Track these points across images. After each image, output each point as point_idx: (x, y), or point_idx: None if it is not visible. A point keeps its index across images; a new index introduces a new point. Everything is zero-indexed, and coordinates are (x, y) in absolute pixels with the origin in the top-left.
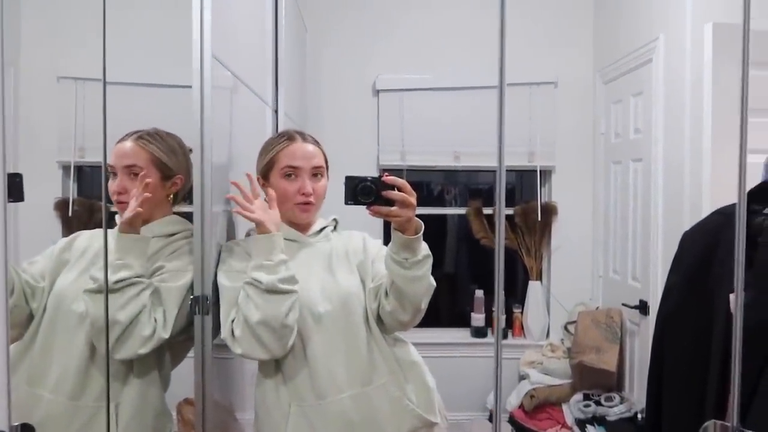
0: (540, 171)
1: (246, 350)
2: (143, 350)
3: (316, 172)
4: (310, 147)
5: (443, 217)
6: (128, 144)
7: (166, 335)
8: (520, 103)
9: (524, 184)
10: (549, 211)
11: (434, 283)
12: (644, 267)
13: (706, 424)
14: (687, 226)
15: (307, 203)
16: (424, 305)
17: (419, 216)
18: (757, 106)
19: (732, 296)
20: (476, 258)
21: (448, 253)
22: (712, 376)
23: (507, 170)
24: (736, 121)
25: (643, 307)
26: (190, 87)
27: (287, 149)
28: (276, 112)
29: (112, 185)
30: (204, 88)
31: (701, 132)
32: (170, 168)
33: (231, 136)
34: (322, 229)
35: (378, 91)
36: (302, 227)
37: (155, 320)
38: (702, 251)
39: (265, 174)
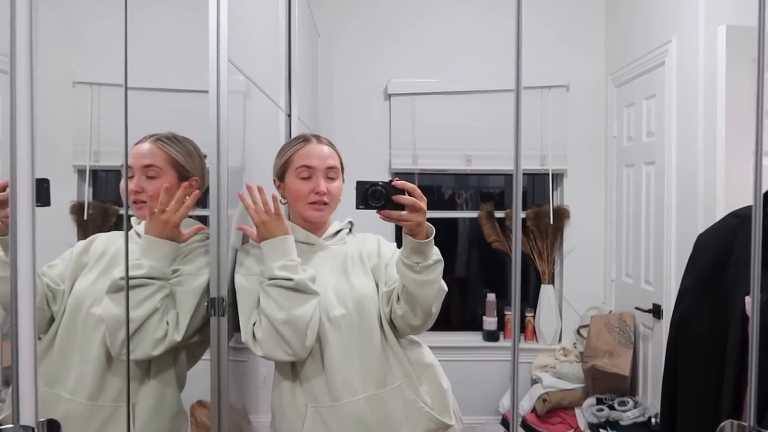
0: (552, 174)
1: (268, 351)
2: (156, 352)
3: (331, 174)
4: (325, 148)
5: (455, 220)
6: (146, 145)
7: (179, 338)
8: (532, 106)
9: (536, 187)
10: (561, 214)
11: (446, 288)
12: (657, 270)
13: (723, 423)
14: (700, 229)
15: (321, 203)
16: (435, 310)
17: (430, 220)
18: None
19: (748, 298)
20: (488, 261)
21: (459, 257)
22: (728, 378)
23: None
24: (750, 123)
25: (656, 311)
26: (207, 92)
27: (302, 150)
28: (289, 116)
29: (129, 185)
30: (220, 93)
31: (714, 135)
32: (187, 170)
33: (245, 141)
34: (337, 232)
35: (390, 95)
36: (317, 230)
37: (167, 323)
38: (717, 253)
39: (281, 175)
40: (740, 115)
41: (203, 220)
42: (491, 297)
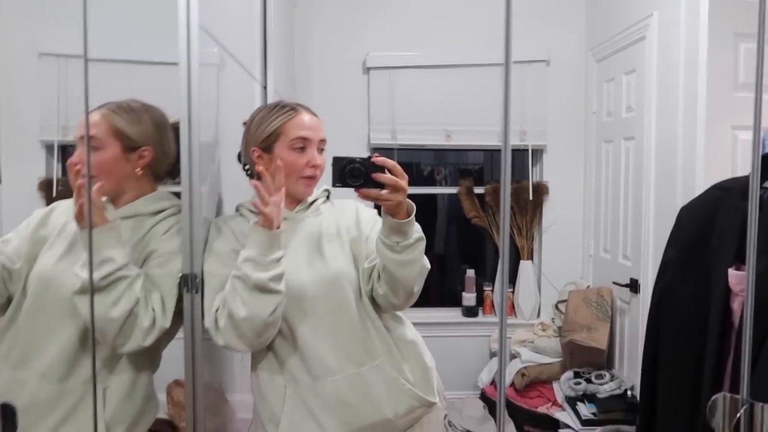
0: (532, 150)
1: (228, 342)
2: (147, 342)
3: (322, 146)
4: (315, 119)
5: (433, 197)
6: (93, 115)
7: (167, 324)
8: (512, 81)
9: (516, 163)
10: (540, 190)
11: (428, 266)
12: (635, 245)
13: (715, 396)
14: (679, 205)
15: (313, 176)
16: (417, 289)
17: (409, 196)
18: (753, 81)
19: (731, 270)
20: (467, 237)
21: (438, 233)
22: (710, 349)
23: (498, 150)
24: (730, 98)
25: (633, 286)
26: (177, 64)
27: (295, 120)
28: (265, 88)
29: (72, 157)
30: (191, 63)
31: (695, 110)
32: (133, 139)
33: (218, 113)
34: (311, 203)
35: (368, 69)
36: (291, 203)
37: (153, 310)
38: (699, 226)
39: (267, 146)
40: (721, 90)
41: (175, 195)
42: (470, 273)
